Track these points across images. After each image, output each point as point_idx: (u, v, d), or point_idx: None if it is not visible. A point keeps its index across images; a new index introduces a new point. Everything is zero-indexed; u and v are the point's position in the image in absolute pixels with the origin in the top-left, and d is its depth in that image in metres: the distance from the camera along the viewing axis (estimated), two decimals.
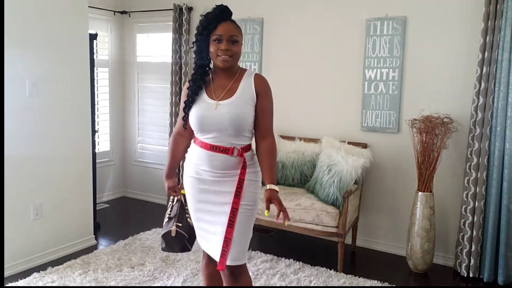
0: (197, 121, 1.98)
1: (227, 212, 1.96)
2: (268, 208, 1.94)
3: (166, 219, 2.17)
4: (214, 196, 2.02)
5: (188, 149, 2.14)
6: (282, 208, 1.91)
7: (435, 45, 3.41)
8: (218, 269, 1.97)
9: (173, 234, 2.10)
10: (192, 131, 2.07)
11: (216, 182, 2.01)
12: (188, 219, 2.16)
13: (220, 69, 2.00)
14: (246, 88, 1.99)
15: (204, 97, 2.01)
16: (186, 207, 2.16)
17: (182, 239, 2.13)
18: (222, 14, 1.95)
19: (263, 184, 2.06)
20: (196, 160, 2.05)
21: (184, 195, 2.19)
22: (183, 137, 2.15)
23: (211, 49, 1.95)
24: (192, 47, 2.05)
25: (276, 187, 1.96)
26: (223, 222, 1.97)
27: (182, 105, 2.07)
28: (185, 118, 2.05)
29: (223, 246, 1.93)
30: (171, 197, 2.23)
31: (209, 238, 2.04)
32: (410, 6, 3.47)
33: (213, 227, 2.02)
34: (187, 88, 2.05)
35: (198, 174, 2.05)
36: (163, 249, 2.21)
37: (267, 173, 1.99)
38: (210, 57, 1.99)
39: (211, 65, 2.05)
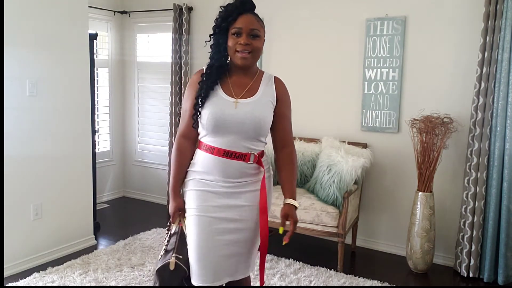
0: (214, 120, 1.73)
1: (243, 228, 1.80)
2: (283, 225, 1.76)
3: (162, 252, 1.82)
4: (229, 211, 1.78)
5: (193, 161, 1.87)
6: (294, 229, 1.75)
7: (435, 45, 3.41)
8: (261, 285, 1.81)
9: (172, 267, 1.74)
10: (198, 134, 1.84)
11: (231, 194, 1.78)
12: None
13: (238, 67, 1.79)
14: (267, 89, 1.83)
15: (220, 93, 1.78)
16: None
17: (180, 276, 1.77)
18: (243, 5, 1.77)
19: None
20: (204, 170, 1.80)
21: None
22: (189, 141, 1.86)
23: (229, 43, 1.75)
24: (209, 41, 1.84)
25: (295, 203, 1.80)
26: (239, 239, 1.79)
27: (189, 103, 1.81)
28: (196, 116, 1.78)
29: (261, 261, 1.80)
30: (171, 224, 1.92)
31: (224, 259, 1.79)
32: (410, 6, 3.47)
33: (228, 246, 1.78)
34: (198, 83, 1.80)
35: (208, 187, 1.79)
36: None
37: (287, 185, 1.83)
38: (228, 52, 1.78)
39: (228, 62, 1.85)
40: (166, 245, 1.84)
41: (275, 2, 4.05)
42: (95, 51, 4.31)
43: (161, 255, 1.81)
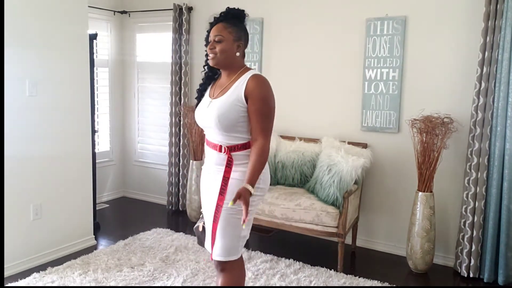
0: (195, 117, 2.13)
1: (211, 211, 2.04)
2: (234, 201, 1.84)
3: (201, 215, 2.25)
4: (208, 192, 2.11)
5: None
6: (246, 210, 1.83)
7: (435, 45, 3.41)
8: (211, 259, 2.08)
9: (200, 229, 2.20)
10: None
11: (212, 178, 2.07)
12: None
13: (220, 68, 2.08)
14: (237, 88, 1.99)
15: (207, 94, 2.11)
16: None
17: (205, 236, 2.20)
18: (221, 16, 2.04)
19: None
20: (205, 156, 2.18)
21: None
22: None
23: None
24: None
25: (251, 189, 1.87)
26: (209, 220, 2.07)
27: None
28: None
29: (212, 240, 2.04)
30: None
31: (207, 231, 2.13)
32: (410, 6, 3.47)
33: (208, 220, 2.12)
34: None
35: (203, 170, 2.18)
36: (198, 243, 2.30)
37: (248, 173, 1.93)
38: None
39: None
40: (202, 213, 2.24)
41: (275, 2, 4.04)
42: (95, 51, 4.30)
43: (201, 217, 2.23)
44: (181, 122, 4.55)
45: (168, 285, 2.97)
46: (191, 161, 4.34)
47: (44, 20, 3.21)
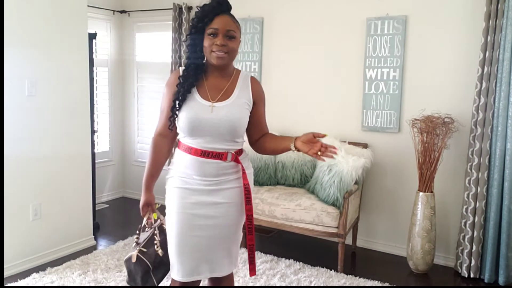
0: (190, 123, 1.78)
1: (221, 225, 1.84)
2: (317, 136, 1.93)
3: (133, 244, 1.96)
4: (208, 208, 1.83)
5: (173, 159, 1.94)
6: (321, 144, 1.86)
7: (436, 44, 3.40)
8: (250, 276, 1.89)
9: (133, 260, 1.85)
10: (176, 133, 1.91)
11: (209, 192, 1.82)
12: (156, 247, 1.91)
13: (214, 67, 1.82)
14: (243, 91, 1.86)
15: (196, 97, 1.80)
16: (156, 232, 1.96)
17: (144, 269, 1.86)
18: (219, 6, 1.77)
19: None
20: (183, 169, 1.85)
21: (155, 220, 2.00)
22: (165, 139, 1.93)
23: (205, 43, 1.77)
24: (186, 41, 1.87)
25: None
26: (217, 235, 1.84)
27: (166, 103, 1.88)
28: (173, 119, 1.85)
29: (249, 254, 1.87)
30: (145, 218, 2.04)
31: (203, 255, 1.85)
32: (411, 6, 3.46)
33: (207, 241, 1.84)
34: (177, 86, 1.83)
35: (187, 184, 1.85)
36: (128, 282, 1.93)
37: (284, 138, 1.96)
38: (204, 52, 1.80)
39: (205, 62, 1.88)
40: (137, 238, 1.96)
41: (275, 2, 4.03)
42: (94, 50, 4.29)
43: (133, 247, 1.94)
44: None
45: (168, 285, 2.96)
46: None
47: (43, 20, 3.20)
